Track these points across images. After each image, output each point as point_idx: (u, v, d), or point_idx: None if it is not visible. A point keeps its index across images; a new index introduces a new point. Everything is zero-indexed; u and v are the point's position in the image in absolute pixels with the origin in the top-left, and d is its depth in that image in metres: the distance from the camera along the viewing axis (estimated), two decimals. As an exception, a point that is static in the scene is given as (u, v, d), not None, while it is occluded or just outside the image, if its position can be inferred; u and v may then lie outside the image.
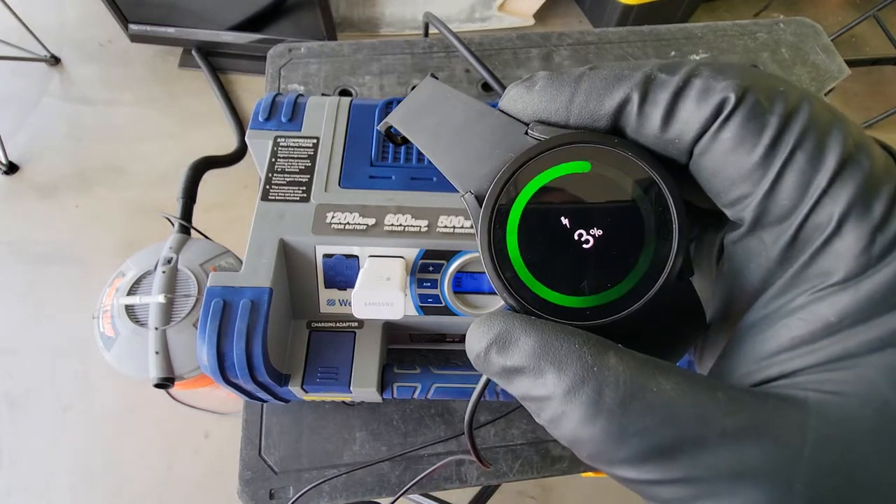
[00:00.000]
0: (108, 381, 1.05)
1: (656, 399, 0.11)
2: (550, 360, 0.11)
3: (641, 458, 0.11)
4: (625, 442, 0.11)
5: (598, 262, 0.12)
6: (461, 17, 1.51)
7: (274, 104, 0.40)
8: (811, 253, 0.11)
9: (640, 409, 0.11)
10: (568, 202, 0.12)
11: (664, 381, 0.11)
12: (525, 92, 0.14)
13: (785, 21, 0.67)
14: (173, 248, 0.63)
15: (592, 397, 0.11)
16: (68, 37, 1.49)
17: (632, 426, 0.11)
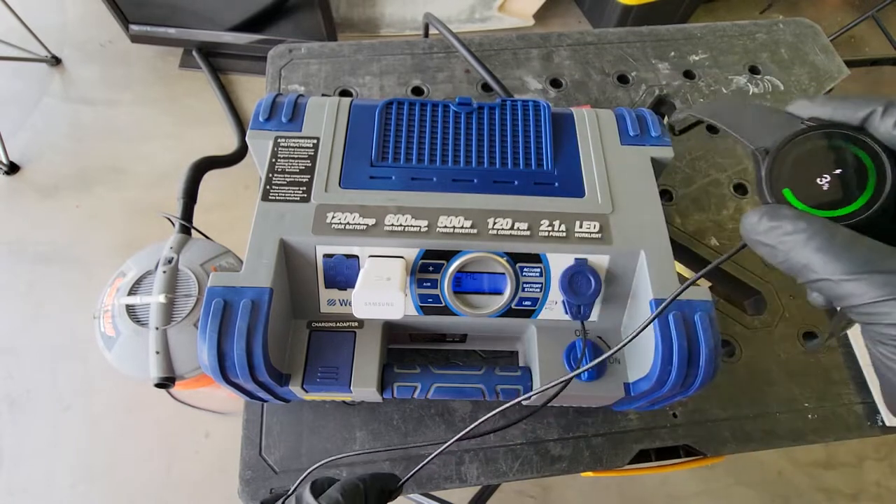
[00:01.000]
0: (109, 380, 1.05)
1: (868, 242, 0.18)
2: (803, 217, 0.19)
3: (860, 272, 0.18)
4: (841, 260, 0.18)
5: (842, 188, 0.20)
6: (461, 18, 1.52)
7: (274, 104, 0.40)
8: None
9: (859, 245, 0.18)
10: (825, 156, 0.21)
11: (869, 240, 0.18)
12: (808, 101, 0.23)
13: (784, 22, 0.67)
14: (174, 248, 0.63)
15: (826, 236, 0.19)
16: (69, 37, 1.49)
17: (846, 254, 0.18)
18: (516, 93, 0.59)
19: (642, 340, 0.34)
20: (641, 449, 0.43)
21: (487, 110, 0.41)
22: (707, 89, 0.61)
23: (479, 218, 0.35)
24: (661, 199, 0.38)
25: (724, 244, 0.51)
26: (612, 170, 0.38)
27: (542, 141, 0.40)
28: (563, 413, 0.44)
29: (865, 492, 1.03)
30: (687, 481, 1.02)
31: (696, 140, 0.58)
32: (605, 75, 0.61)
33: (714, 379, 0.32)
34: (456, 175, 0.38)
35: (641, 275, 0.35)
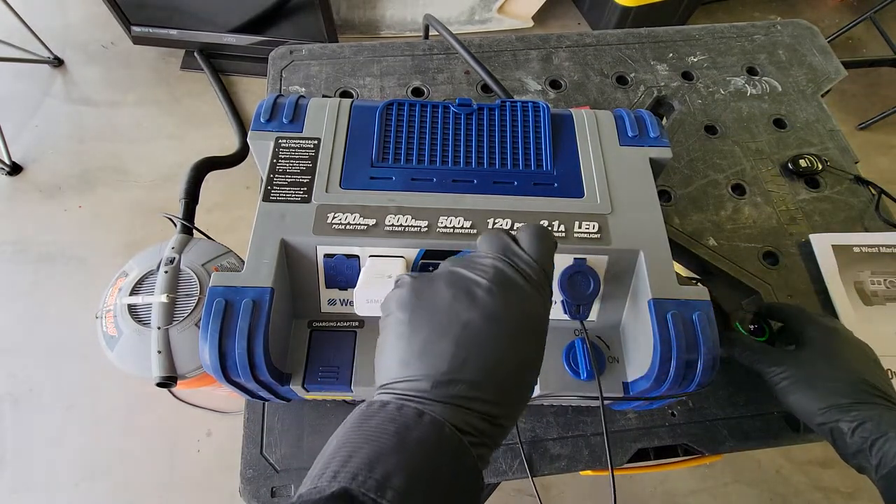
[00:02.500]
0: (111, 380, 1.05)
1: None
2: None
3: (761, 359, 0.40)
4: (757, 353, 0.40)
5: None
6: (461, 20, 1.52)
7: (275, 105, 0.41)
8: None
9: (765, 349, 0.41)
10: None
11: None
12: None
13: (782, 23, 0.68)
14: (176, 248, 0.63)
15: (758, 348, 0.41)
16: (71, 39, 1.49)
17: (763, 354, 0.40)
18: (516, 94, 0.60)
19: (641, 340, 0.35)
20: (640, 448, 0.43)
21: (487, 111, 0.41)
22: (705, 90, 0.61)
23: (478, 218, 0.36)
24: (659, 199, 0.38)
25: (723, 244, 0.52)
26: (611, 170, 0.39)
27: (541, 142, 0.40)
28: (562, 412, 0.44)
29: (863, 490, 1.03)
30: (685, 480, 1.02)
31: (695, 141, 0.58)
32: (603, 76, 0.62)
33: (712, 378, 0.33)
34: (456, 176, 0.38)
35: (640, 275, 0.35)
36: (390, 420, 0.21)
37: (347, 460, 0.20)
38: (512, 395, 0.24)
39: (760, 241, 0.52)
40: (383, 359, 0.25)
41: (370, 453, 0.20)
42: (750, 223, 0.53)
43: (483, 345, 0.23)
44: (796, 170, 0.55)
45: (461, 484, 0.21)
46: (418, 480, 0.19)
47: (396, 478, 0.19)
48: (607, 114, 0.42)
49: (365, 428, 0.21)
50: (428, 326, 0.24)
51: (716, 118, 0.59)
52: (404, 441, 0.20)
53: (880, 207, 0.54)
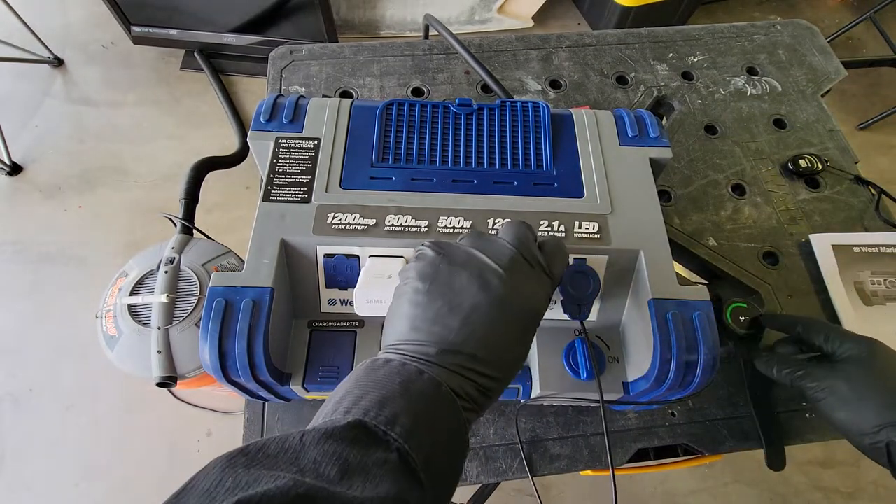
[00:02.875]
0: (111, 380, 1.05)
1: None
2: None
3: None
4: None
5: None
6: (461, 20, 1.52)
7: (275, 105, 0.41)
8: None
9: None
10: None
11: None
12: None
13: (782, 23, 0.68)
14: (176, 248, 0.63)
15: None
16: (71, 39, 1.49)
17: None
18: (516, 94, 0.60)
19: (641, 340, 0.35)
20: (640, 448, 0.43)
21: (487, 111, 0.41)
22: (705, 90, 0.61)
23: (478, 218, 0.36)
24: (659, 199, 0.38)
25: (723, 244, 0.52)
26: (611, 170, 0.39)
27: (541, 142, 0.40)
28: (563, 412, 0.44)
29: (863, 491, 1.03)
30: (685, 480, 1.02)
31: (695, 141, 0.58)
32: (603, 76, 0.62)
33: (712, 378, 0.33)
34: (456, 176, 0.38)
35: (640, 275, 0.35)
36: (396, 373, 0.24)
37: (359, 400, 0.22)
38: (504, 371, 0.27)
39: (760, 241, 0.52)
40: (395, 321, 0.27)
41: (379, 396, 0.22)
42: (750, 223, 0.53)
43: (487, 326, 0.26)
44: (796, 170, 0.55)
45: (453, 439, 0.24)
46: (421, 424, 0.22)
47: (403, 417, 0.22)
48: (607, 114, 0.42)
49: (372, 377, 0.24)
50: (441, 300, 0.26)
51: (716, 118, 0.59)
52: (408, 390, 0.23)
53: (880, 207, 0.54)
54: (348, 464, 0.19)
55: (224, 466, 0.19)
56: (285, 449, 0.19)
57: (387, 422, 0.21)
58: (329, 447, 0.20)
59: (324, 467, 0.19)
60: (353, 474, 0.19)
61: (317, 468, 0.19)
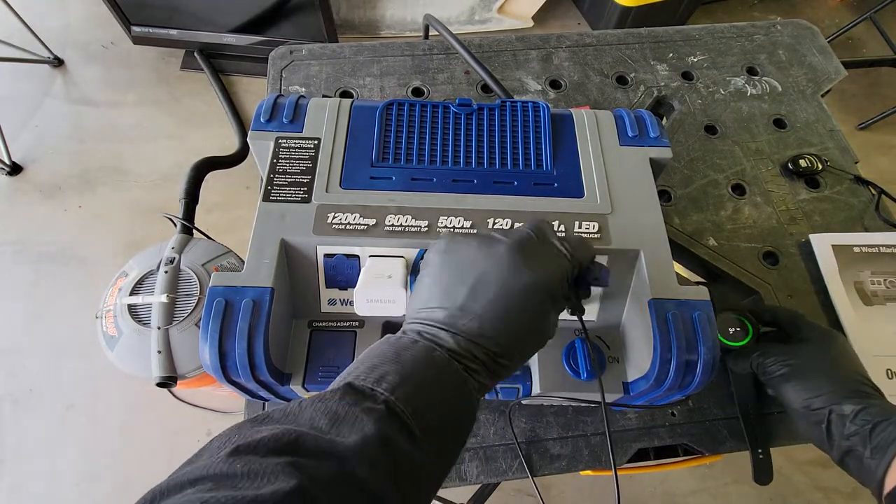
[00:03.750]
0: (111, 380, 1.05)
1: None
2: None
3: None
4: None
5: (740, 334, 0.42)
6: (461, 20, 1.52)
7: (275, 105, 0.41)
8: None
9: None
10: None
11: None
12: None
13: (782, 23, 0.68)
14: (176, 248, 0.63)
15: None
16: (71, 39, 1.49)
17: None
18: (516, 94, 0.60)
19: (641, 340, 0.35)
20: (640, 448, 0.43)
21: (487, 111, 0.41)
22: (705, 90, 0.61)
23: (479, 218, 0.36)
24: (659, 199, 0.38)
25: (723, 244, 0.52)
26: (611, 170, 0.39)
27: (541, 142, 0.40)
28: (563, 412, 0.44)
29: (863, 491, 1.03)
30: (685, 480, 1.02)
31: (695, 141, 0.58)
32: (603, 76, 0.62)
33: (712, 378, 0.33)
34: (456, 176, 0.38)
35: (640, 275, 0.35)
36: (390, 344, 0.26)
37: (352, 371, 0.25)
38: (511, 339, 0.27)
39: (760, 241, 0.52)
40: (413, 298, 0.30)
41: (370, 364, 0.25)
42: (750, 223, 0.53)
43: (493, 291, 0.27)
44: (796, 170, 0.55)
45: (450, 397, 0.25)
46: (408, 381, 0.24)
47: (391, 376, 0.24)
48: (607, 114, 0.42)
49: (368, 353, 0.26)
50: (452, 270, 0.29)
51: (716, 118, 0.59)
52: (400, 356, 0.25)
53: (880, 207, 0.54)
54: (337, 415, 0.21)
55: (234, 428, 0.21)
56: (286, 413, 0.22)
57: (374, 381, 0.23)
58: (321, 405, 0.22)
59: (316, 421, 0.21)
60: (342, 423, 0.21)
61: (311, 422, 0.21)
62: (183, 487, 0.19)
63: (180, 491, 0.19)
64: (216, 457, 0.19)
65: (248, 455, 0.19)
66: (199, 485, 0.18)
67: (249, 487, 0.17)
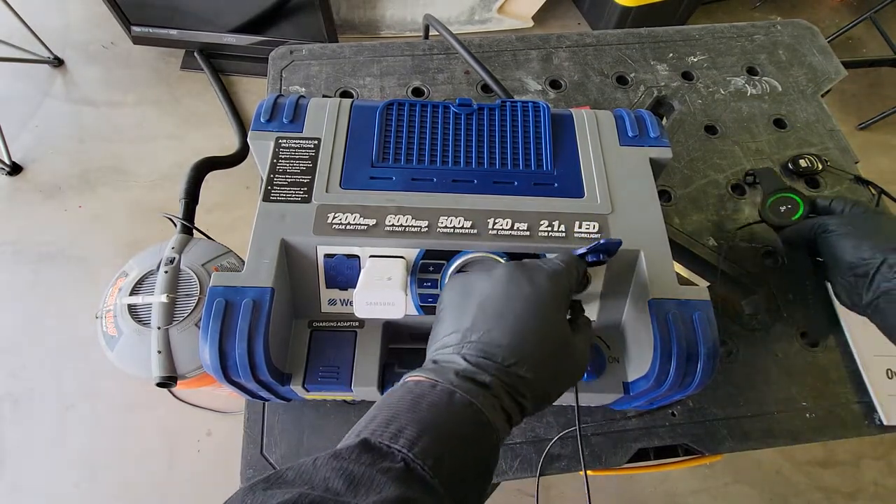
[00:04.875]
0: (111, 380, 1.05)
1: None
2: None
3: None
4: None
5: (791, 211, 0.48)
6: (461, 20, 1.52)
7: (275, 105, 0.41)
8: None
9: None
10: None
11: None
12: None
13: (782, 23, 0.68)
14: (176, 248, 0.63)
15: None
16: (71, 39, 1.49)
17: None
18: (516, 94, 0.60)
19: (641, 340, 0.35)
20: (640, 448, 0.43)
21: (487, 111, 0.41)
22: (705, 90, 0.61)
23: (479, 218, 0.36)
24: (659, 199, 0.38)
25: (722, 244, 0.52)
26: (611, 170, 0.39)
27: (541, 142, 0.40)
28: (563, 412, 0.44)
29: (863, 490, 1.03)
30: (686, 480, 1.02)
31: (695, 141, 0.58)
32: (604, 76, 0.62)
33: (712, 378, 0.33)
34: (456, 176, 0.38)
35: (640, 275, 0.35)
36: (408, 391, 0.25)
37: (369, 423, 0.24)
38: (526, 345, 0.27)
39: (760, 241, 0.52)
40: (432, 333, 0.31)
41: (388, 415, 0.24)
42: (750, 223, 0.53)
43: (496, 304, 0.28)
44: (796, 170, 0.55)
45: (471, 439, 0.24)
46: (427, 432, 0.23)
47: (408, 430, 0.23)
48: (607, 114, 0.42)
49: (387, 400, 0.25)
50: (460, 300, 0.30)
51: (716, 118, 0.59)
52: (417, 405, 0.24)
53: (881, 207, 0.54)
54: (354, 476, 0.20)
55: (245, 492, 0.20)
56: (300, 473, 0.21)
57: (391, 436, 0.22)
58: (336, 464, 0.21)
59: (332, 482, 0.20)
60: (359, 485, 0.20)
61: (326, 484, 0.20)
62: None
63: None
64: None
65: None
66: None
67: None
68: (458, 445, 0.23)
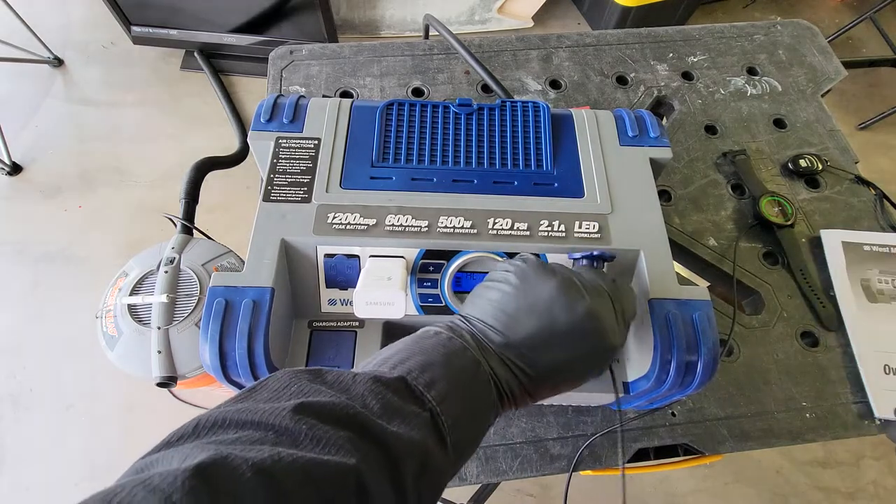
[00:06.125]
0: (111, 380, 1.05)
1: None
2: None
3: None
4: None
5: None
6: (461, 20, 1.52)
7: (275, 105, 0.41)
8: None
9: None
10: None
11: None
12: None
13: (782, 23, 0.68)
14: (176, 248, 0.63)
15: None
16: (72, 39, 1.49)
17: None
18: (516, 94, 0.60)
19: (642, 340, 0.35)
20: (640, 448, 0.43)
21: (487, 111, 0.41)
22: (705, 90, 0.61)
23: (478, 218, 0.36)
24: (659, 199, 0.38)
25: (723, 244, 0.52)
26: (611, 170, 0.39)
27: (541, 142, 0.40)
28: (563, 412, 0.44)
29: (863, 490, 1.03)
30: (686, 480, 1.02)
31: (695, 141, 0.58)
32: (603, 76, 0.62)
33: (712, 378, 0.33)
34: (456, 176, 0.38)
35: (640, 275, 0.35)
36: (442, 345, 0.26)
37: (404, 361, 0.25)
38: (554, 383, 0.28)
39: (760, 241, 0.52)
40: (479, 301, 0.30)
41: (423, 361, 0.25)
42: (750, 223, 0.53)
43: (557, 342, 0.28)
44: (796, 170, 0.55)
45: (480, 415, 0.26)
46: (454, 393, 0.24)
47: (441, 383, 0.24)
48: (607, 114, 0.42)
49: (420, 344, 0.26)
50: (526, 301, 0.29)
51: (716, 118, 0.59)
52: (450, 362, 0.25)
53: (885, 209, 0.54)
54: (389, 404, 0.22)
55: (291, 376, 0.22)
56: (339, 381, 0.23)
57: (426, 384, 0.24)
58: (375, 388, 0.22)
59: (368, 401, 0.22)
60: (393, 414, 0.22)
61: (363, 400, 0.22)
62: (243, 426, 0.19)
63: (240, 429, 0.19)
64: (279, 406, 0.20)
65: (312, 418, 0.19)
66: (260, 431, 0.19)
67: (313, 450, 0.18)
68: (472, 415, 0.25)
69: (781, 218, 0.51)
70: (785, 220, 0.51)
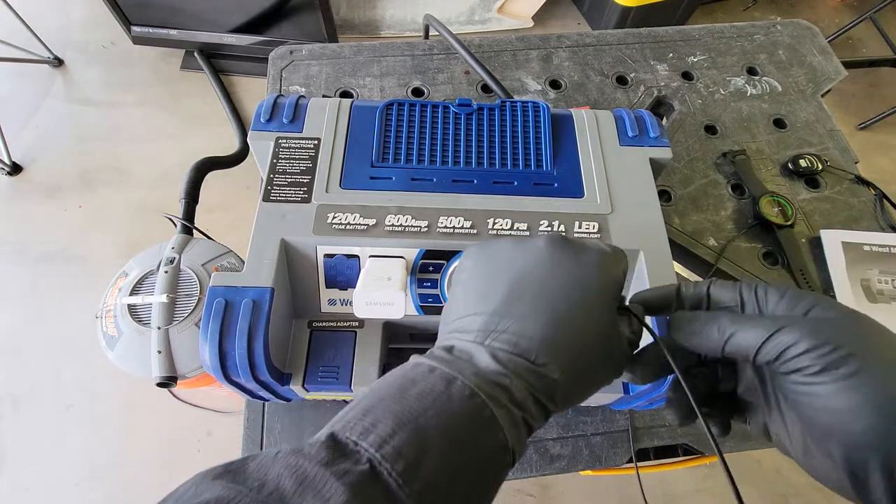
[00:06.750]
0: (111, 380, 1.05)
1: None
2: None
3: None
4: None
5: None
6: (461, 20, 1.52)
7: (275, 105, 0.41)
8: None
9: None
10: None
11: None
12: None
13: (782, 23, 0.68)
14: (176, 248, 0.63)
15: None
16: (72, 39, 1.50)
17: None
18: (516, 94, 0.60)
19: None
20: (640, 448, 0.43)
21: (487, 111, 0.41)
22: (705, 90, 0.61)
23: (478, 218, 0.36)
24: (659, 199, 0.38)
25: (722, 244, 0.52)
26: (611, 170, 0.39)
27: (541, 142, 0.40)
28: (562, 412, 0.44)
29: (865, 491, 1.03)
30: (685, 480, 1.02)
31: (695, 141, 0.58)
32: (603, 76, 0.62)
33: (711, 378, 0.33)
34: (456, 176, 0.38)
35: (640, 275, 0.35)
36: (402, 375, 0.22)
37: (348, 411, 0.21)
38: (562, 342, 0.22)
39: (760, 241, 0.52)
40: (447, 307, 0.26)
41: (367, 405, 0.20)
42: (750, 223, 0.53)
43: (532, 288, 0.23)
44: (796, 170, 0.55)
45: (460, 438, 0.20)
46: (403, 426, 0.19)
47: (383, 424, 0.19)
48: (607, 114, 0.42)
49: (376, 386, 0.22)
50: (487, 274, 0.25)
51: (716, 118, 0.59)
52: (404, 394, 0.20)
53: (885, 209, 0.54)
54: (306, 477, 0.18)
55: (200, 478, 0.18)
56: (260, 465, 0.19)
57: (361, 432, 0.19)
58: (293, 461, 0.18)
59: (283, 481, 0.18)
60: (307, 488, 0.17)
61: (278, 482, 0.18)
62: None
63: None
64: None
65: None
66: None
67: None
68: (449, 446, 0.19)
69: (781, 218, 0.51)
70: (785, 221, 0.51)
